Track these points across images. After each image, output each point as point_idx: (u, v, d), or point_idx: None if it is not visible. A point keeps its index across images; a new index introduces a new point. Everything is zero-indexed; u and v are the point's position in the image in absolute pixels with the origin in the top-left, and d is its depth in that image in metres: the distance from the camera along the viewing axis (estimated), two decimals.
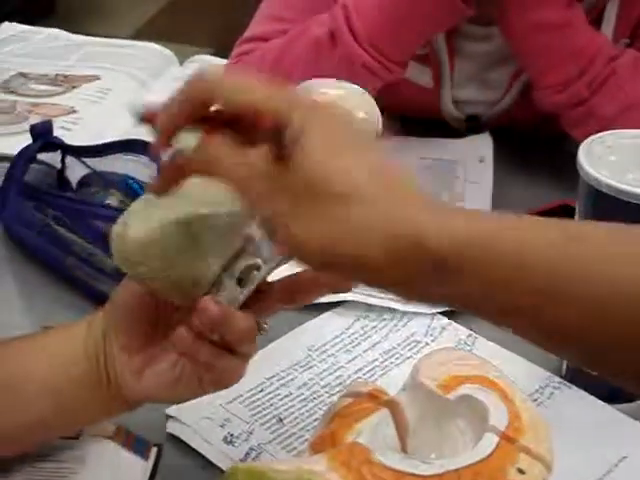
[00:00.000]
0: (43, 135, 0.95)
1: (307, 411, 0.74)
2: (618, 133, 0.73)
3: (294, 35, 1.04)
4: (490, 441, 0.59)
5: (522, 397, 0.63)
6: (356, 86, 0.70)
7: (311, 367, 0.79)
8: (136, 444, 0.70)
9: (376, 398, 0.65)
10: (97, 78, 1.23)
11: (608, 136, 0.73)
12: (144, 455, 0.69)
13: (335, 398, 0.75)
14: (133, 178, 0.91)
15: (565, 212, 0.69)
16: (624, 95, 1.01)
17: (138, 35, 3.31)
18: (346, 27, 0.99)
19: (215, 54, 1.35)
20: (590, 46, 1.01)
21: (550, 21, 0.99)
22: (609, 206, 0.68)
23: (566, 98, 1.00)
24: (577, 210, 0.72)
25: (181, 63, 1.33)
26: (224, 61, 1.29)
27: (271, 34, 1.08)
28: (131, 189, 0.90)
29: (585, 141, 0.72)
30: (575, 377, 0.76)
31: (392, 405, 0.63)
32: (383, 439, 0.61)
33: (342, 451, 0.59)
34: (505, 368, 0.66)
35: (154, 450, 0.70)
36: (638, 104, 1.01)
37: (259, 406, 0.74)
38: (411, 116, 1.16)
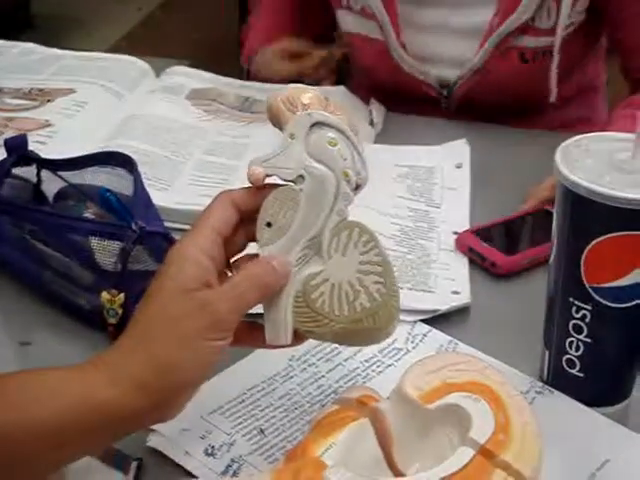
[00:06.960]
0: (18, 149, 0.94)
1: (289, 422, 0.74)
2: (594, 136, 0.74)
3: None
4: (463, 456, 0.58)
5: (521, 407, 0.62)
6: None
7: (292, 377, 0.78)
8: (116, 459, 0.69)
9: (363, 405, 0.64)
10: (72, 91, 1.22)
11: (584, 139, 0.73)
12: (124, 469, 0.69)
13: (316, 408, 0.75)
14: (110, 190, 0.90)
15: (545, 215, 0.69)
16: None
17: (115, 49, 3.31)
18: None
19: (192, 66, 1.35)
20: None
21: None
22: (586, 209, 0.68)
23: None
24: (555, 213, 0.72)
25: (157, 75, 1.32)
26: (202, 72, 1.30)
27: None
28: (108, 202, 0.90)
29: (562, 145, 0.72)
30: (557, 381, 0.76)
31: (374, 414, 0.62)
32: (360, 450, 0.61)
33: (290, 469, 0.58)
34: None
35: (134, 464, 0.69)
36: None
37: (240, 417, 0.74)
38: (381, 86, 1.16)
